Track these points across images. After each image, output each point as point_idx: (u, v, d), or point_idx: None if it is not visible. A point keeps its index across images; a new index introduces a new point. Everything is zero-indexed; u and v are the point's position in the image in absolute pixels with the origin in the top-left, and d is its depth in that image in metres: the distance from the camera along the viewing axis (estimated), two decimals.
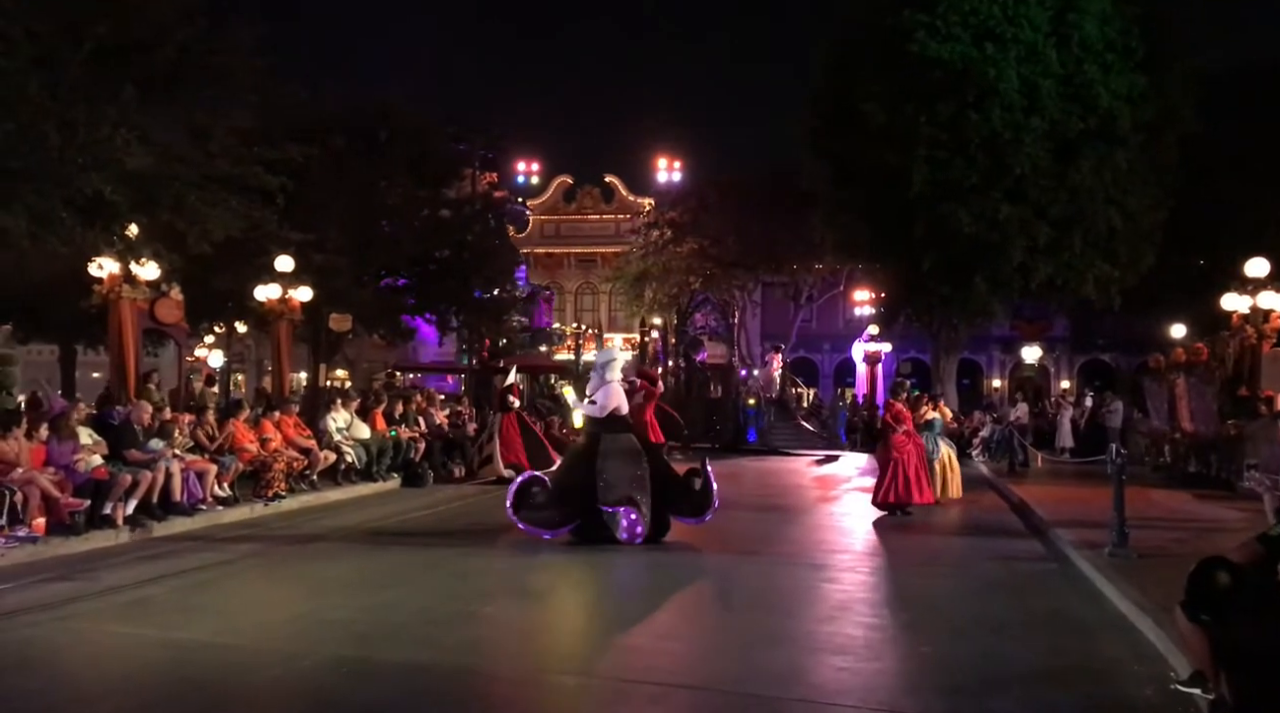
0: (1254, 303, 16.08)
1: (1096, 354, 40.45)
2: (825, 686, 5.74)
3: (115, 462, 10.58)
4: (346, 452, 14.69)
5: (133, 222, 14.04)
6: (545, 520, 10.03)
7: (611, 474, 9.99)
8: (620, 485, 9.96)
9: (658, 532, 10.17)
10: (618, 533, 9.92)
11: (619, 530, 9.92)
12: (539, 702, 5.57)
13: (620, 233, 40.52)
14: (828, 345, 41.35)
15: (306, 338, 23.86)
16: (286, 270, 17.38)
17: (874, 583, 8.78)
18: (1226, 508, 12.61)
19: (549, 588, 8.62)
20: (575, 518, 10.04)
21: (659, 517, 10.18)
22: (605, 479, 9.98)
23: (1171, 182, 23.04)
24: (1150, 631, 6.58)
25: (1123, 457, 9.98)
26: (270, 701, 5.51)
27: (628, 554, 9.73)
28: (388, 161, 24.48)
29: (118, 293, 14.09)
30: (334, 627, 6.81)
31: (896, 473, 12.85)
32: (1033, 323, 37.32)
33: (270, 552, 9.89)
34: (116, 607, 7.44)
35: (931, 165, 21.77)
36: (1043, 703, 5.42)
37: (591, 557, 9.62)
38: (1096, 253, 22.60)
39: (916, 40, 21.69)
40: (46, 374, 20.49)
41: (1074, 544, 9.96)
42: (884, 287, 28.29)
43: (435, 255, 26.95)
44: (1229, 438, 15.86)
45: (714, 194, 34.33)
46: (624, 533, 9.90)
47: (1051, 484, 16.26)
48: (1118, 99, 21.69)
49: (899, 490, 12.86)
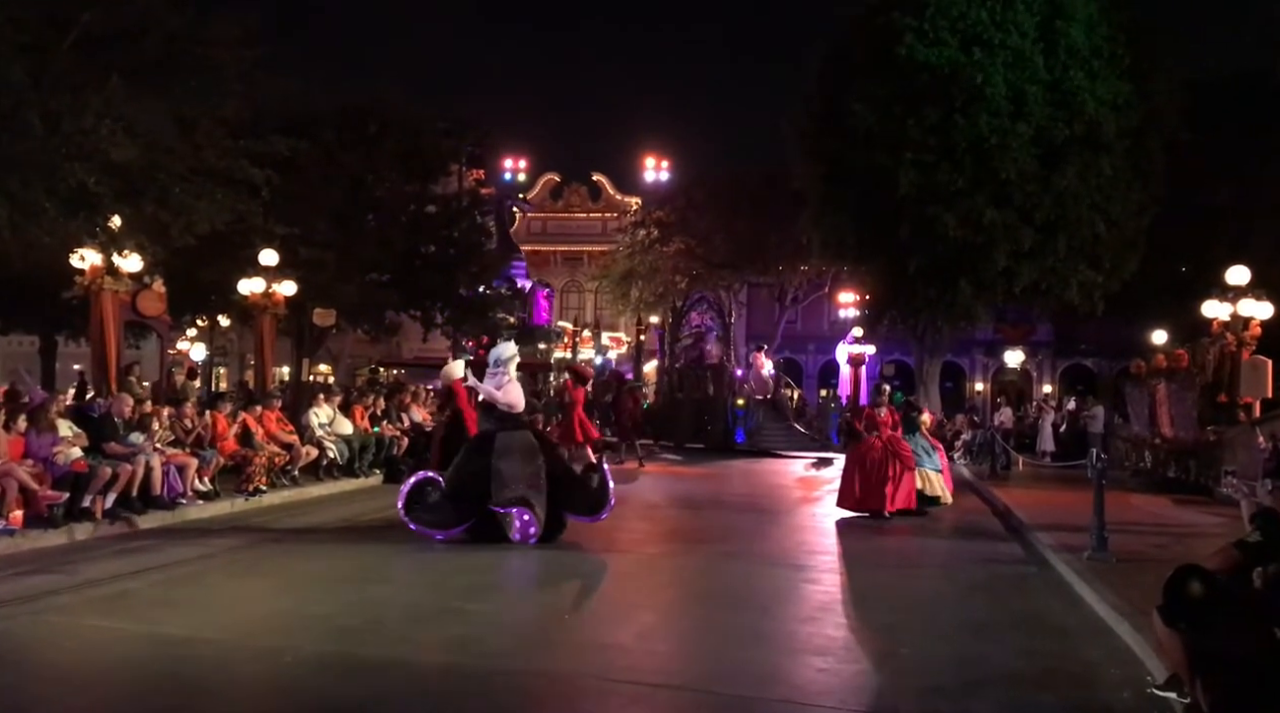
0: (1234, 310, 16.22)
1: (1079, 359, 40.72)
2: (805, 686, 5.75)
3: (95, 454, 10.50)
4: (329, 447, 14.63)
5: (116, 213, 13.94)
6: (438, 521, 9.80)
7: (507, 473, 9.71)
8: (514, 485, 9.69)
9: (553, 531, 9.95)
10: (511, 534, 9.77)
11: (512, 532, 9.76)
12: (520, 700, 5.56)
13: (607, 231, 40.52)
14: (812, 347, 41.47)
15: (290, 332, 23.78)
16: (271, 264, 17.32)
17: (855, 584, 8.80)
18: (1205, 513, 12.71)
19: (532, 586, 8.61)
20: (469, 518, 9.80)
21: (554, 516, 9.93)
22: (500, 478, 9.69)
23: (1156, 188, 23.21)
24: (1128, 634, 6.62)
25: (1103, 461, 10.05)
26: (251, 696, 5.48)
27: (612, 553, 9.72)
28: (376, 156, 24.40)
29: (100, 284, 14.02)
30: (315, 622, 6.79)
31: (853, 477, 12.76)
32: (1016, 327, 37.53)
33: (251, 547, 9.84)
34: (95, 601, 7.39)
35: (918, 168, 21.86)
36: (1021, 705, 5.45)
37: (575, 556, 9.61)
38: (1080, 258, 22.75)
39: (905, 44, 21.78)
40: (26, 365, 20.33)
41: (1054, 548, 10.02)
42: (869, 288, 28.37)
43: (421, 251, 26.88)
44: (1208, 444, 16.00)
45: (701, 194, 34.35)
46: (517, 534, 9.74)
47: (1032, 488, 16.35)
48: (1103, 105, 21.83)
49: (855, 496, 12.69)
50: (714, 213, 33.12)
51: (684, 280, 35.55)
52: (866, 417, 13.26)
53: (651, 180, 41.08)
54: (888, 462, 12.63)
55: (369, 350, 35.69)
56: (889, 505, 12.48)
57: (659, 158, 41.25)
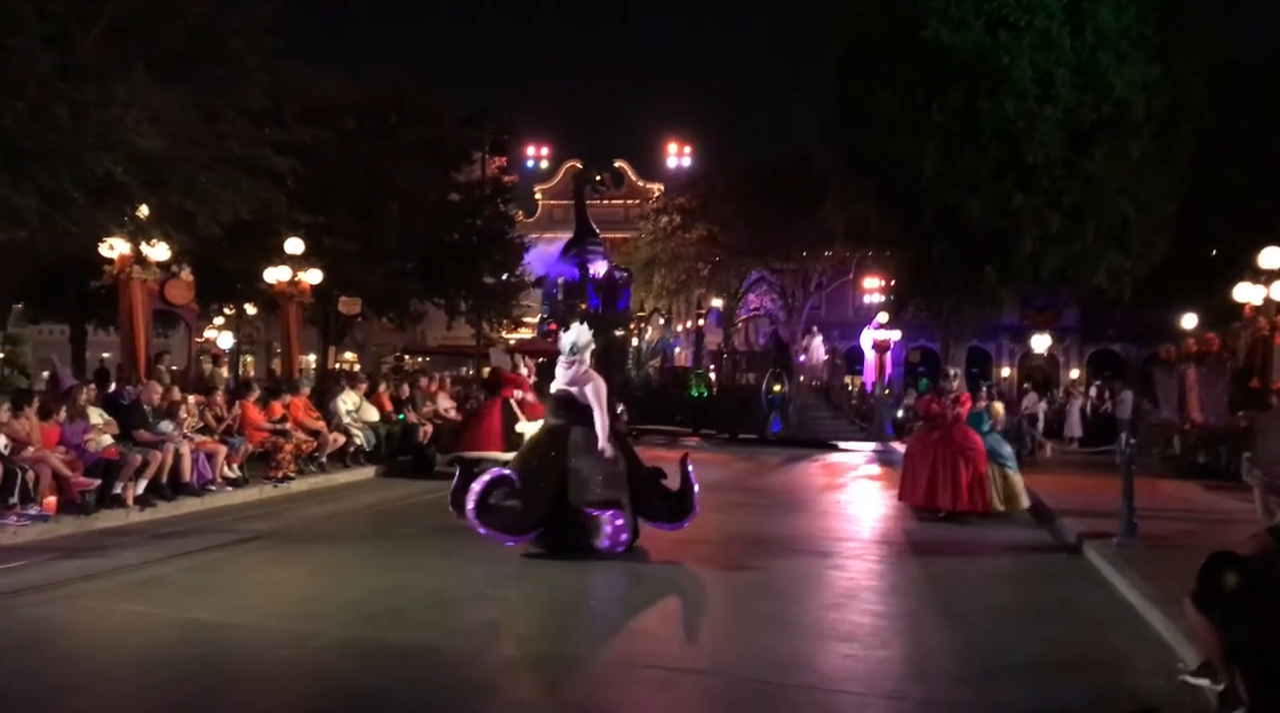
0: (1267, 294, 15.97)
1: (1106, 344, 40.30)
2: (831, 672, 5.74)
3: (125, 442, 10.63)
4: (355, 434, 14.72)
5: (143, 202, 14.05)
6: (510, 524, 8.47)
7: (588, 472, 8.60)
8: (599, 486, 8.57)
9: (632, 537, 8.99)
10: (598, 540, 8.56)
11: (600, 538, 8.56)
12: (548, 685, 5.59)
13: (629, 218, 40.46)
14: (836, 333, 41.22)
15: (316, 321, 23.92)
16: (296, 253, 17.40)
17: (880, 570, 8.79)
18: (1235, 499, 12.53)
19: (558, 572, 8.62)
20: (543, 520, 8.64)
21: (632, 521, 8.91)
22: (580, 478, 8.59)
23: (1185, 171, 22.88)
24: (1158, 621, 6.56)
25: (1132, 447, 9.94)
26: (278, 681, 5.53)
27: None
28: (398, 145, 24.45)
29: (128, 273, 14.14)
30: (343, 608, 6.84)
31: (912, 471, 11.81)
32: (1043, 312, 37.18)
33: (279, 533, 9.93)
34: (126, 586, 7.48)
35: (943, 153, 21.65)
36: (1050, 693, 5.41)
37: None
38: (1108, 243, 22.47)
39: (929, 27, 21.55)
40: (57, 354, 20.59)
41: (1083, 534, 9.94)
42: (894, 274, 28.17)
43: (444, 239, 26.94)
44: (1239, 430, 15.79)
45: (723, 180, 34.26)
46: (606, 540, 8.54)
47: (1060, 474, 16.22)
48: (1132, 87, 21.51)
49: (916, 491, 11.64)
50: (736, 199, 33.03)
51: (706, 267, 35.47)
52: (923, 406, 12.23)
53: (674, 167, 41.03)
54: (955, 456, 11.40)
55: (394, 338, 35.85)
56: (958, 505, 11.30)
57: (681, 144, 41.22)
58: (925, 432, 12.02)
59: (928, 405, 12.07)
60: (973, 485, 11.33)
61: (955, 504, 11.31)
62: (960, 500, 11.29)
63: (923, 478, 11.54)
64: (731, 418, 24.94)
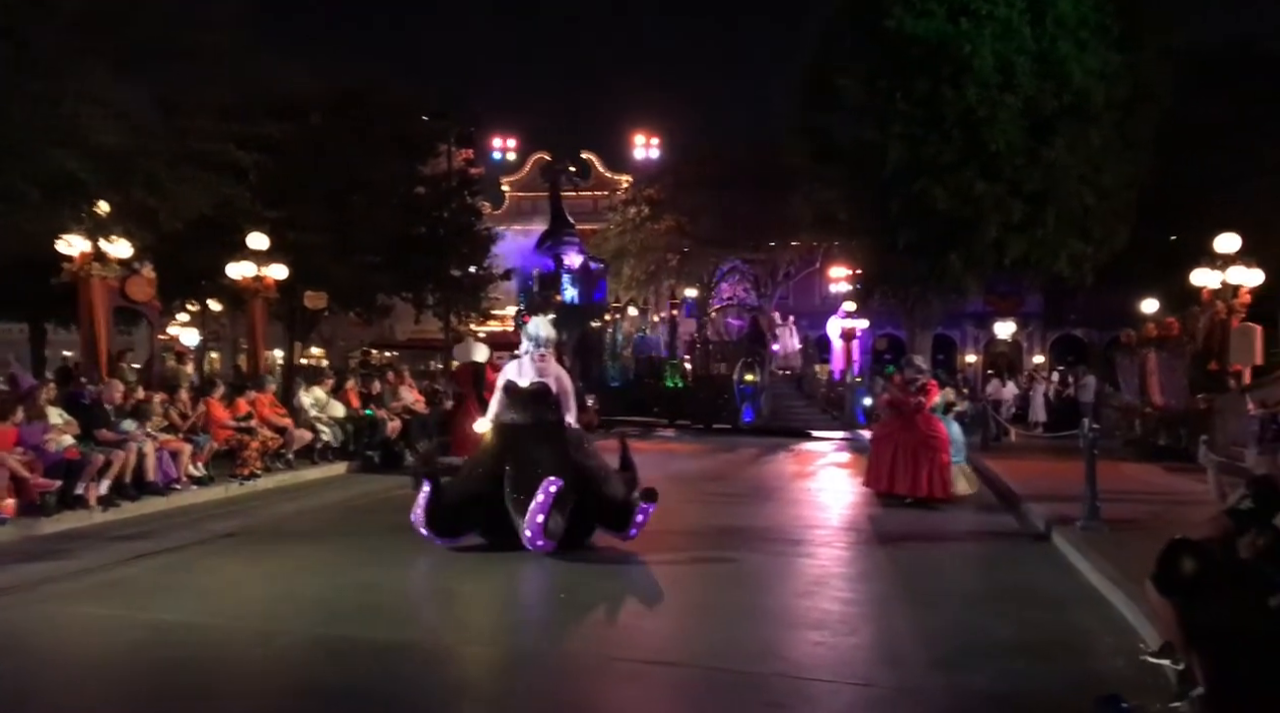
0: (1224, 278, 16.24)
1: (1069, 330, 40.77)
2: (802, 660, 5.79)
3: (87, 442, 10.48)
4: (322, 430, 14.61)
5: (103, 198, 13.84)
6: (443, 526, 8.40)
7: (526, 473, 8.32)
8: (532, 487, 8.16)
9: (579, 537, 8.67)
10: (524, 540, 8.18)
11: (524, 539, 8.17)
12: (520, 680, 5.59)
13: (598, 210, 40.38)
14: (804, 321, 41.45)
15: (282, 316, 23.68)
16: (260, 248, 17.21)
17: (849, 558, 8.85)
18: (1196, 481, 12.73)
19: (528, 566, 8.61)
20: (476, 524, 8.56)
21: (582, 525, 8.62)
22: (514, 480, 8.33)
23: (1145, 158, 23.16)
24: (1121, 603, 6.67)
25: (1095, 431, 10.09)
26: (248, 680, 5.49)
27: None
28: (364, 138, 24.23)
29: (88, 271, 13.91)
30: (312, 606, 6.80)
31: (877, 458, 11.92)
32: (1006, 299, 37.51)
33: (246, 531, 9.84)
34: (90, 587, 7.39)
35: (908, 142, 21.79)
36: (1016, 676, 5.49)
37: None
38: (1070, 229, 22.72)
39: (893, 16, 21.66)
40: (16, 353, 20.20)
41: (1047, 518, 10.07)
42: (860, 263, 28.32)
43: (411, 233, 26.75)
44: (1199, 412, 16.07)
45: (691, 171, 34.25)
46: (528, 542, 8.16)
47: (1025, 459, 16.42)
48: (1091, 76, 21.74)
49: (881, 478, 11.73)
50: (704, 190, 33.03)
51: (675, 258, 35.49)
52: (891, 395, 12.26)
53: (641, 158, 40.95)
54: (920, 443, 11.48)
55: (362, 333, 35.57)
56: (918, 491, 11.41)
57: (649, 135, 41.12)
58: (890, 419, 12.10)
59: (892, 394, 12.18)
60: (933, 473, 11.43)
61: (915, 491, 11.43)
62: (920, 488, 11.41)
63: (886, 465, 11.66)
64: (706, 408, 24.94)
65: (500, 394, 8.98)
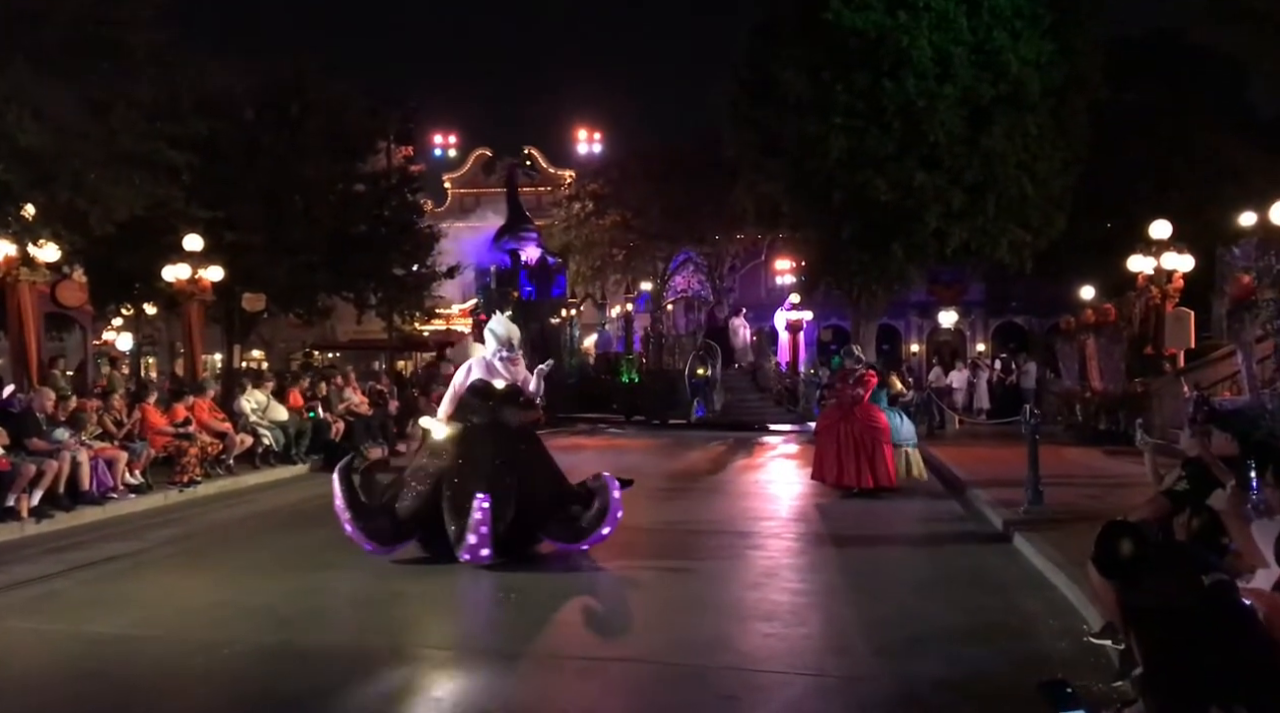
0: (1158, 264, 16.62)
1: (1010, 317, 41.44)
2: (753, 652, 5.79)
3: (18, 452, 10.15)
4: (263, 434, 14.34)
5: (29, 201, 13.44)
6: (375, 532, 7.99)
7: (468, 481, 7.96)
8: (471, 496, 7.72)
9: (523, 545, 8.28)
10: (459, 552, 7.76)
11: (461, 549, 7.75)
12: (470, 680, 5.51)
13: (542, 205, 40.20)
14: (750, 314, 41.66)
15: (219, 319, 23.21)
16: (195, 249, 16.85)
17: (798, 549, 8.89)
18: (1135, 464, 12.98)
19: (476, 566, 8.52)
20: (412, 533, 8.20)
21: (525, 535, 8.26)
22: (454, 487, 7.97)
23: (1079, 147, 23.59)
24: (1064, 585, 6.78)
25: (1036, 417, 10.25)
26: (190, 692, 5.35)
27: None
28: (300, 135, 23.80)
29: (15, 276, 13.50)
30: (255, 613, 6.65)
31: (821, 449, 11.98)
32: (948, 287, 38.03)
33: (186, 539, 9.62)
34: (21, 601, 7.15)
35: (848, 134, 21.95)
36: (963, 660, 5.54)
37: None
38: (1009, 218, 23.06)
39: (831, 8, 21.79)
40: None
41: (991, 503, 10.21)
42: (805, 255, 28.49)
43: (351, 231, 26.35)
44: (1136, 395, 16.43)
45: (635, 165, 34.22)
46: (465, 553, 7.73)
47: (969, 446, 16.65)
48: (1026, 65, 22.06)
49: (826, 469, 11.80)
50: (648, 184, 33.03)
51: (620, 253, 35.44)
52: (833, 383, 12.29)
53: (584, 153, 40.85)
54: (861, 434, 11.55)
55: (302, 334, 34.98)
56: (864, 482, 11.47)
57: (591, 130, 41.04)
58: (831, 410, 12.19)
59: (831, 385, 12.29)
60: (875, 462, 11.51)
61: (860, 481, 11.51)
62: (865, 478, 11.49)
63: (833, 456, 11.73)
64: (660, 403, 24.70)
65: (466, 395, 8.56)
